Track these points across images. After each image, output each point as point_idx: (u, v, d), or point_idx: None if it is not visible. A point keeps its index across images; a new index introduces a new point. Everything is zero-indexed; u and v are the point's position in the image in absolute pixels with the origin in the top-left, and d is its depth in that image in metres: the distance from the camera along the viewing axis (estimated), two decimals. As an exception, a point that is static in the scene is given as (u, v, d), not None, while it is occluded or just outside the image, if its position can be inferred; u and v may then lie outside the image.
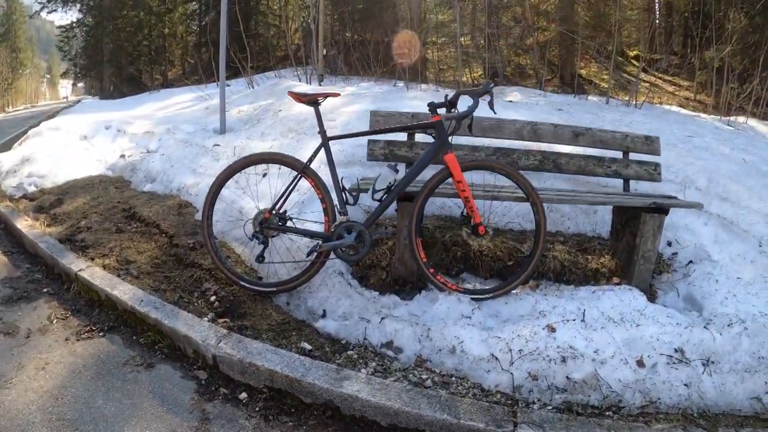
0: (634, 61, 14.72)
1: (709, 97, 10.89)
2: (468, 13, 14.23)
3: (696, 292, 2.95)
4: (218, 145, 4.87)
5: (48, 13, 27.46)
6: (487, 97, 2.58)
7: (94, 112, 10.71)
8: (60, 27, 28.50)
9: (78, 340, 2.66)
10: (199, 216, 4.01)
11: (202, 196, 4.20)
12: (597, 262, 3.30)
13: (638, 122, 5.99)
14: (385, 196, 2.69)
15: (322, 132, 2.75)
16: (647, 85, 12.55)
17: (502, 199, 2.88)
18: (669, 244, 3.44)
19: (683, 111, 9.46)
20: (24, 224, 4.15)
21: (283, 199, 2.79)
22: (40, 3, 25.46)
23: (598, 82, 13.05)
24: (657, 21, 14.25)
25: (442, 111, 2.71)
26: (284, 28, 22.32)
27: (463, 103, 2.69)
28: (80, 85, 37.73)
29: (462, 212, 2.81)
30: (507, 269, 3.16)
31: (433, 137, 2.72)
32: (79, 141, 6.91)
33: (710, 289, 2.93)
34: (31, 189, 5.24)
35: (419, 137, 3.47)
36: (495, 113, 2.70)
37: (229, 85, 13.12)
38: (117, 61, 22.96)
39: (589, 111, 6.38)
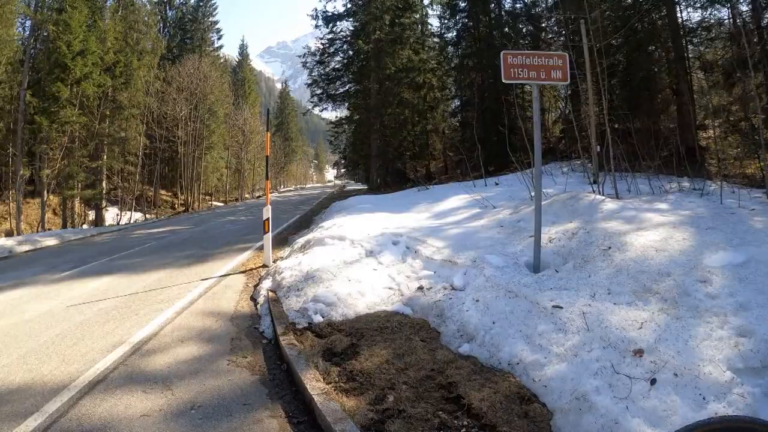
0: None
1: None
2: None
3: None
4: (559, 307, 3.61)
5: (320, 111, 31.98)
6: None
7: (370, 211, 10.99)
8: (330, 123, 33.04)
9: None
10: (555, 425, 2.83)
11: (551, 390, 3.04)
12: None
13: None
14: None
15: None
16: None
17: None
18: None
19: None
20: (313, 384, 3.57)
21: None
22: (311, 102, 29.71)
23: None
24: None
25: None
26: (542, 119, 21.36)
27: None
28: (343, 170, 43.23)
29: None
30: None
31: None
32: (365, 257, 6.63)
33: None
34: (317, 319, 4.82)
35: None
36: None
37: (497, 184, 12.53)
38: (384, 155, 24.98)
39: None
